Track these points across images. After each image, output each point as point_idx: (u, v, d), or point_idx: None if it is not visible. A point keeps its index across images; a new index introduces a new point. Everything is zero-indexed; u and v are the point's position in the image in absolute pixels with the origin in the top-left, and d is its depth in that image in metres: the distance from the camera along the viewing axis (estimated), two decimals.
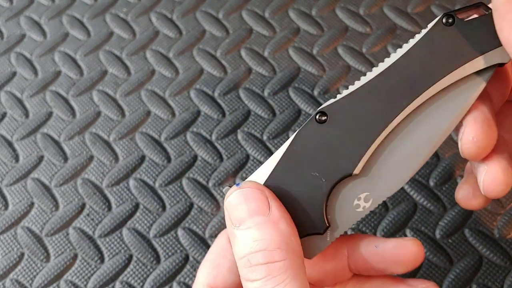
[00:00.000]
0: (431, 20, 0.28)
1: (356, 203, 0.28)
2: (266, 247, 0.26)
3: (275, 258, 0.25)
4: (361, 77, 0.27)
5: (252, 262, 0.26)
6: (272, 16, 0.54)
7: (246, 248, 0.26)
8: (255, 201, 0.27)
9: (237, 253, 0.27)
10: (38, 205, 0.46)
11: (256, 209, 0.26)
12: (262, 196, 0.27)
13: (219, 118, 0.49)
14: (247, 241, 0.26)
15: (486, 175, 0.29)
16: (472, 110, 0.28)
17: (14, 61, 0.53)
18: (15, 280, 0.43)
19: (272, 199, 0.27)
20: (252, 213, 0.26)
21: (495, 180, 0.28)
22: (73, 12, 0.56)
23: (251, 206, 0.27)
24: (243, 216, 0.26)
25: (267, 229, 0.26)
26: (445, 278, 0.41)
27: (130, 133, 0.48)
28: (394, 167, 0.27)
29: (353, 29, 0.52)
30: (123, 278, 0.43)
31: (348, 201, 0.28)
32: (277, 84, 0.50)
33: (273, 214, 0.26)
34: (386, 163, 0.27)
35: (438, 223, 0.43)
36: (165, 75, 0.51)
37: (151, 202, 0.45)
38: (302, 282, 0.25)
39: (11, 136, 0.49)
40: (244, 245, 0.26)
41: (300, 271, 0.26)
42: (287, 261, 0.25)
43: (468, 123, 0.28)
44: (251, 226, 0.26)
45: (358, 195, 0.28)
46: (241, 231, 0.26)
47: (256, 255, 0.26)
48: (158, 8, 0.55)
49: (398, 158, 0.27)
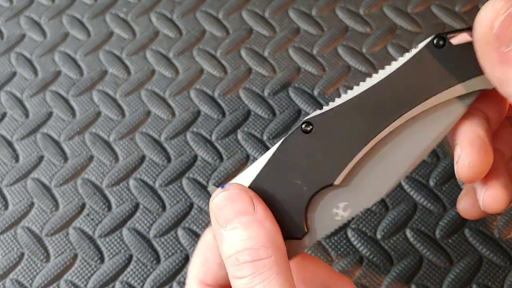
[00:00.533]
0: (431, 20, 0.28)
1: (335, 212, 0.29)
2: (253, 245, 0.27)
3: (261, 256, 0.26)
4: (348, 90, 0.28)
5: (239, 261, 0.27)
6: (272, 16, 0.54)
7: (233, 247, 0.27)
8: (240, 202, 0.27)
9: (224, 253, 0.27)
10: (38, 205, 0.46)
11: (241, 209, 0.27)
12: (246, 197, 0.28)
13: (219, 118, 0.49)
14: (234, 241, 0.27)
15: (485, 193, 0.30)
16: (469, 131, 0.29)
17: (14, 61, 0.53)
18: (15, 280, 0.43)
19: (257, 199, 0.28)
20: (238, 213, 0.27)
21: (495, 198, 0.29)
22: (73, 12, 0.56)
23: (237, 207, 0.27)
24: (229, 217, 0.27)
25: (253, 228, 0.27)
26: (445, 278, 0.41)
27: (130, 133, 0.48)
28: (374, 181, 0.28)
29: (353, 29, 0.52)
30: (123, 278, 0.43)
31: (327, 209, 0.29)
32: (277, 84, 0.50)
33: (258, 213, 0.27)
34: (365, 177, 0.28)
35: (438, 223, 0.43)
36: (165, 75, 0.51)
37: (151, 202, 0.45)
38: (286, 278, 0.27)
39: (11, 136, 0.49)
40: (231, 245, 0.27)
41: (284, 268, 0.27)
42: (273, 258, 0.27)
43: (464, 147, 0.29)
44: (237, 226, 0.27)
45: (337, 204, 0.28)
46: (227, 231, 0.27)
47: (243, 254, 0.27)
48: (158, 8, 0.55)
49: (378, 172, 0.28)
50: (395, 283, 0.41)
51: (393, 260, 0.42)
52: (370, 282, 0.41)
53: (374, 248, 0.42)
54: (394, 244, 0.42)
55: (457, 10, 0.52)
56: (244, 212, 0.27)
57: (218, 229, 0.28)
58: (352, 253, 0.42)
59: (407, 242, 0.42)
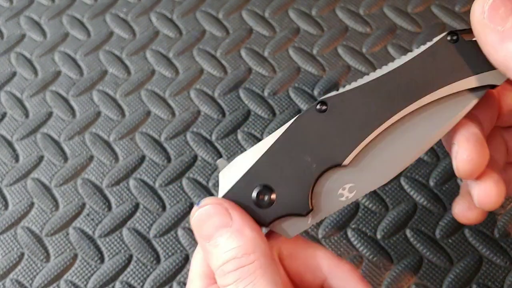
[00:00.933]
0: (431, 20, 0.29)
1: (340, 192, 0.29)
2: (236, 255, 0.28)
3: (244, 263, 0.28)
4: (365, 75, 0.28)
5: (225, 271, 0.28)
6: (272, 16, 0.54)
7: (219, 260, 0.29)
8: (216, 216, 0.29)
9: (213, 265, 0.29)
10: (38, 205, 0.46)
11: (219, 223, 0.29)
12: (222, 209, 0.29)
13: (219, 118, 0.49)
14: (219, 253, 0.29)
15: (479, 189, 0.31)
16: (464, 131, 0.30)
17: (14, 61, 0.53)
18: (15, 280, 0.43)
19: (232, 209, 0.29)
20: (217, 227, 0.29)
21: (489, 194, 0.30)
22: (73, 12, 0.56)
23: (215, 222, 0.29)
24: (209, 233, 0.29)
25: (234, 238, 0.28)
26: (445, 278, 0.41)
27: (130, 133, 0.48)
28: (381, 164, 0.29)
29: (353, 29, 0.52)
30: (123, 278, 0.43)
31: (333, 189, 0.29)
32: (277, 84, 0.50)
33: (236, 223, 0.29)
34: (374, 159, 0.29)
35: (438, 223, 0.43)
36: (165, 75, 0.51)
37: (151, 202, 0.45)
38: (271, 279, 0.28)
39: (11, 136, 0.49)
40: (217, 257, 0.29)
41: (268, 269, 0.28)
42: (255, 263, 0.28)
43: (461, 143, 0.30)
44: (219, 241, 0.29)
45: (343, 185, 0.29)
46: (211, 246, 0.29)
47: (228, 264, 0.28)
48: (158, 8, 0.55)
49: (386, 156, 0.29)
50: (395, 283, 0.41)
51: (393, 260, 0.42)
52: (370, 282, 0.41)
53: (374, 248, 0.42)
54: (394, 244, 0.42)
55: (457, 10, 0.52)
56: (222, 225, 0.29)
57: (203, 244, 0.29)
58: (352, 253, 0.42)
59: (407, 242, 0.42)
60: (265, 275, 0.28)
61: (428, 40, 0.30)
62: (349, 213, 0.43)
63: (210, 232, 0.29)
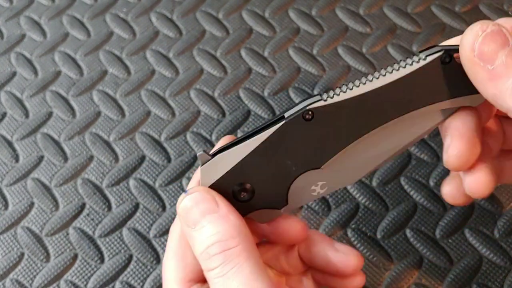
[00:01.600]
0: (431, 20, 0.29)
1: (313, 188, 0.32)
2: (221, 238, 0.29)
3: (229, 246, 0.29)
4: (353, 87, 0.30)
5: (210, 254, 0.29)
6: (272, 16, 0.54)
7: (204, 243, 0.29)
8: (204, 202, 0.30)
9: (196, 250, 0.30)
10: (38, 205, 0.46)
11: (206, 209, 0.30)
12: (209, 197, 0.30)
13: (219, 118, 0.49)
14: (204, 238, 0.29)
15: (469, 178, 0.32)
16: (460, 123, 0.31)
17: (14, 61, 0.53)
18: (15, 280, 0.43)
19: (218, 197, 0.30)
20: (204, 213, 0.30)
21: (479, 182, 0.31)
22: (73, 12, 0.56)
23: (202, 208, 0.30)
24: (196, 218, 0.30)
25: (219, 223, 0.29)
26: (445, 278, 0.41)
27: (130, 133, 0.48)
28: (352, 168, 0.32)
29: (353, 29, 0.52)
30: (123, 278, 0.43)
31: (307, 186, 0.32)
32: (277, 84, 0.50)
33: (222, 209, 0.30)
34: (346, 164, 0.31)
35: (438, 223, 0.43)
36: (165, 75, 0.51)
37: (151, 202, 0.45)
38: (255, 261, 0.29)
39: (11, 136, 0.49)
40: (201, 242, 0.29)
41: (252, 253, 0.29)
42: (240, 246, 0.29)
43: (454, 138, 0.31)
44: (205, 225, 0.29)
45: (317, 182, 0.32)
46: (197, 231, 0.30)
47: (213, 247, 0.29)
48: (158, 8, 0.55)
49: (357, 162, 0.32)
50: (395, 283, 0.41)
51: (393, 260, 0.42)
52: (370, 282, 0.41)
53: (374, 248, 0.42)
54: (394, 244, 0.42)
55: (457, 10, 0.52)
56: (209, 211, 0.30)
57: (188, 230, 0.30)
58: None
59: (407, 242, 0.42)
60: (250, 259, 0.29)
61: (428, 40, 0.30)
62: (349, 213, 0.43)
63: (196, 218, 0.30)
